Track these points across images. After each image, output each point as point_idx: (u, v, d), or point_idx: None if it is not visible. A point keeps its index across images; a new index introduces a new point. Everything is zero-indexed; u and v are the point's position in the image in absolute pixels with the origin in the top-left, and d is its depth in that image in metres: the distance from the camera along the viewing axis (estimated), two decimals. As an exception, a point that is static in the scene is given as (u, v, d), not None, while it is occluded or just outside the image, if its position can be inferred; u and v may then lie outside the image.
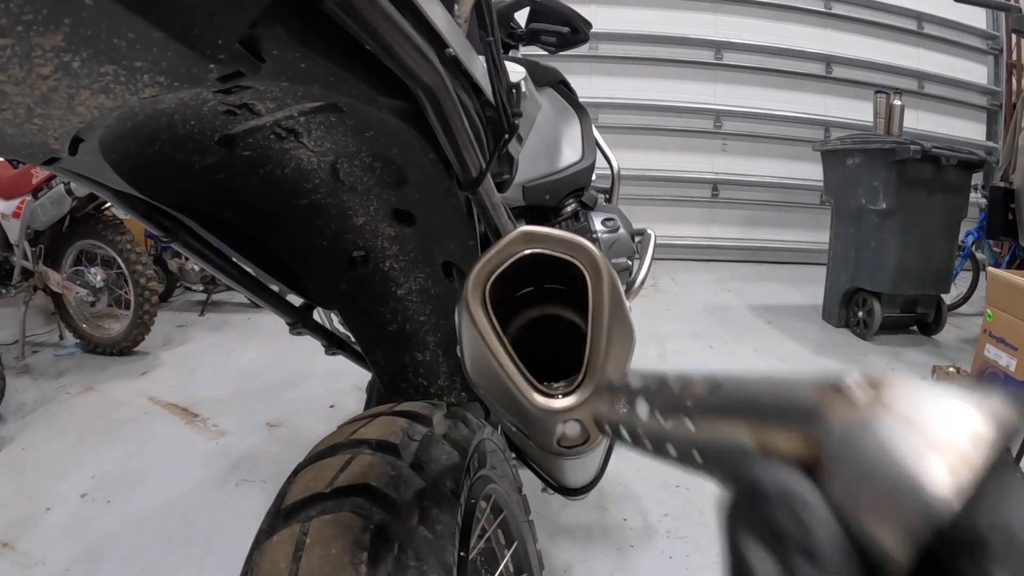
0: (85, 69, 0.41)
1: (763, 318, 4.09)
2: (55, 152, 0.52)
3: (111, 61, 0.40)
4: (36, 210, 2.93)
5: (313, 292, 0.97)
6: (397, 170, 0.72)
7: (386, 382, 1.05)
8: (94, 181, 0.63)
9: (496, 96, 0.65)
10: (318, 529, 0.52)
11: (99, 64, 0.41)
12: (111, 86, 0.43)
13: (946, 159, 3.38)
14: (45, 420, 2.51)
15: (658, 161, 5.80)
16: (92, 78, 0.42)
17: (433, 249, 0.86)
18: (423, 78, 0.50)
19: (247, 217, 0.80)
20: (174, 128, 0.59)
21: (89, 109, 0.46)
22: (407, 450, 0.63)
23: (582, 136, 1.75)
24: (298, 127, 0.66)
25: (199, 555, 1.73)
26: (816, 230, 5.67)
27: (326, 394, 2.77)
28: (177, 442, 2.37)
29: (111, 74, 0.42)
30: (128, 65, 0.41)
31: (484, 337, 0.50)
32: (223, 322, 3.82)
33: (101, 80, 0.42)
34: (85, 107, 0.45)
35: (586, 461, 0.88)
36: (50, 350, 3.31)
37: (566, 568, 1.72)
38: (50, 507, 1.94)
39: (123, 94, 0.44)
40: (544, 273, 0.55)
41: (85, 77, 0.42)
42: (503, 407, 0.52)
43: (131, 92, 0.44)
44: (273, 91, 0.54)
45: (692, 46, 5.73)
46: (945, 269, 3.65)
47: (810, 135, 5.66)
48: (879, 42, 5.96)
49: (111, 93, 0.44)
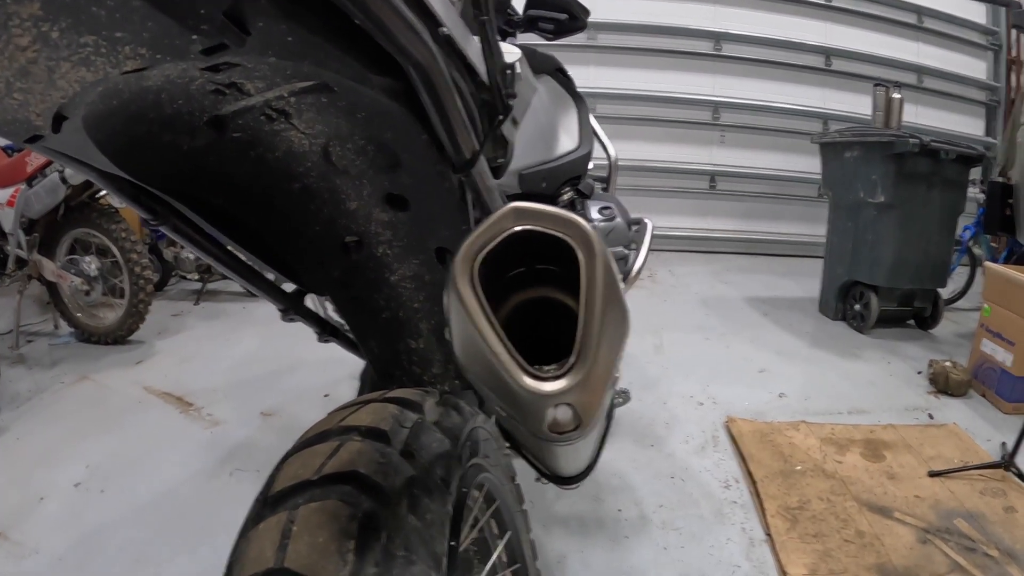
0: (64, 40, 0.40)
1: (759, 310, 4.09)
2: (37, 129, 0.50)
3: (91, 31, 0.39)
4: (30, 198, 2.91)
5: (305, 278, 0.95)
6: (390, 153, 0.71)
7: (379, 370, 1.04)
8: (80, 161, 0.62)
9: (490, 76, 0.64)
10: (305, 517, 0.51)
11: (78, 34, 0.39)
12: (92, 58, 0.42)
13: (945, 153, 3.36)
14: (39, 409, 2.50)
15: (656, 152, 5.77)
16: (72, 49, 0.41)
17: (427, 235, 0.85)
18: (415, 55, 0.48)
19: (238, 201, 0.79)
20: (161, 107, 0.58)
21: (70, 83, 0.44)
22: (397, 437, 0.61)
23: (579, 124, 1.74)
24: (289, 108, 0.65)
25: (192, 545, 1.72)
26: (813, 223, 5.65)
27: (321, 383, 2.76)
28: (171, 431, 2.36)
29: (91, 45, 0.41)
30: (108, 35, 0.40)
31: (472, 316, 0.48)
32: (218, 311, 3.81)
33: (81, 52, 0.41)
34: (66, 81, 0.44)
35: (579, 447, 0.87)
36: (45, 339, 3.30)
37: (560, 559, 1.72)
38: (44, 497, 1.93)
39: (104, 67, 0.43)
40: (536, 253, 0.53)
41: (65, 48, 0.41)
42: (492, 390, 0.50)
43: (112, 65, 0.43)
44: (262, 69, 0.53)
45: (691, 37, 5.70)
46: (942, 263, 3.64)
47: (808, 128, 5.62)
48: (879, 35, 5.92)
49: (92, 66, 0.43)
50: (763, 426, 2.42)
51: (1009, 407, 2.62)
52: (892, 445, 2.29)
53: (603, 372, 0.48)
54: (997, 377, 2.70)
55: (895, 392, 2.83)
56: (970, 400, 2.76)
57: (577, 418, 0.49)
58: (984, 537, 1.77)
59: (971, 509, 1.90)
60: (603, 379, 0.49)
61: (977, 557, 1.70)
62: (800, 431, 2.37)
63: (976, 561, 1.68)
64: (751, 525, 1.86)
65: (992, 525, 1.82)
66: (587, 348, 0.48)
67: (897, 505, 1.92)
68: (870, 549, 1.72)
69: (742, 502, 1.97)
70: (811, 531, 1.80)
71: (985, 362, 2.79)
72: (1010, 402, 2.62)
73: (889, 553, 1.70)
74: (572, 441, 0.51)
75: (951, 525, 1.82)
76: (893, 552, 1.71)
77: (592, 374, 0.48)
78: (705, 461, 2.21)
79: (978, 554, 1.71)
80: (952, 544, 1.74)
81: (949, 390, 2.78)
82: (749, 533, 1.83)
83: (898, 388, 2.88)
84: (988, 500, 1.94)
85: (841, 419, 2.53)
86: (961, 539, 1.77)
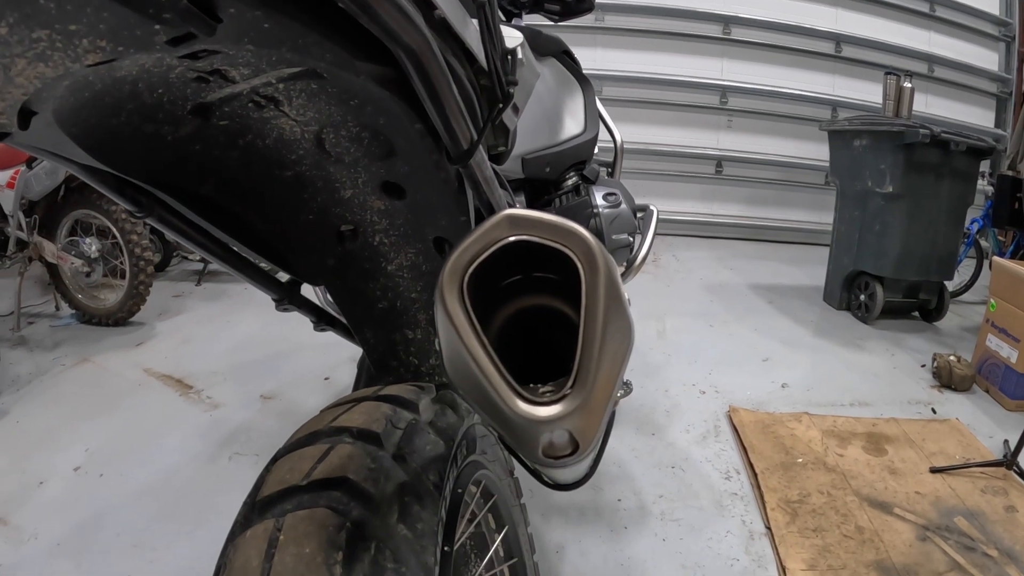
0: (15, 36, 0.37)
1: (763, 298, 4.06)
2: (2, 127, 0.48)
3: (41, 25, 0.37)
4: (30, 180, 2.88)
5: (299, 268, 0.93)
6: (385, 141, 0.68)
7: (376, 360, 1.02)
8: (57, 155, 0.59)
9: (490, 62, 0.60)
10: (292, 526, 0.49)
11: (29, 29, 0.37)
12: (48, 53, 0.39)
13: (955, 145, 3.30)
14: (40, 392, 2.49)
15: (662, 136, 5.72)
16: (25, 45, 0.38)
17: (424, 224, 0.82)
18: (405, 40, 0.45)
19: (227, 191, 0.76)
20: (139, 97, 0.55)
21: (29, 80, 0.42)
22: (390, 440, 0.59)
23: (585, 108, 1.70)
24: (278, 95, 0.62)
25: (190, 530, 1.72)
26: (820, 211, 5.61)
27: (321, 366, 2.74)
28: (171, 414, 2.35)
29: (45, 40, 0.38)
30: (62, 29, 0.37)
31: (460, 334, 0.45)
32: (220, 292, 3.79)
33: (35, 47, 0.39)
34: (24, 77, 0.41)
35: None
36: (46, 321, 3.29)
37: (558, 548, 1.71)
38: (43, 481, 1.93)
39: (63, 61, 0.40)
40: (533, 259, 0.49)
41: (16, 44, 0.38)
42: (483, 410, 0.46)
43: (72, 59, 0.40)
44: (245, 56, 0.50)
45: (700, 20, 5.61)
46: (949, 256, 3.60)
47: (817, 114, 5.55)
48: (890, 23, 5.83)
49: (49, 61, 0.40)
50: (765, 416, 2.40)
51: (1012, 404, 2.60)
52: (894, 439, 2.27)
53: (603, 395, 0.45)
54: (1001, 373, 2.67)
55: (898, 385, 2.81)
56: (973, 395, 2.73)
57: (574, 442, 0.45)
58: (984, 536, 1.75)
59: (972, 507, 1.88)
60: (603, 402, 0.45)
61: (976, 556, 1.68)
62: (802, 423, 2.36)
63: (975, 561, 1.66)
64: (751, 518, 1.85)
65: (992, 524, 1.81)
66: (586, 370, 0.44)
67: (898, 501, 1.91)
68: (869, 545, 1.71)
69: (742, 494, 1.96)
70: (811, 525, 1.79)
71: (990, 358, 2.76)
72: (1014, 399, 2.60)
73: (888, 550, 1.69)
74: (568, 466, 0.47)
75: (951, 523, 1.81)
76: (892, 549, 1.70)
77: (591, 397, 0.44)
78: (706, 451, 2.20)
79: (977, 553, 1.69)
80: (952, 542, 1.73)
81: (953, 385, 2.75)
82: (749, 526, 1.81)
83: (901, 381, 2.86)
84: (989, 499, 1.92)
85: (843, 411, 2.51)
86: (961, 538, 1.75)
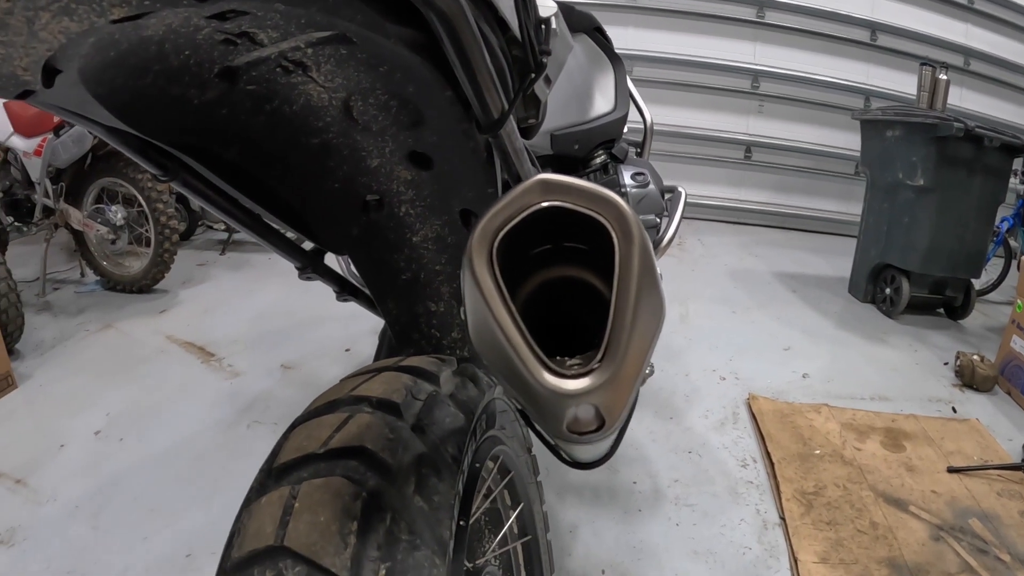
0: None
1: (788, 286, 4.00)
2: (27, 84, 0.47)
3: None
4: (57, 148, 2.91)
5: (323, 237, 0.92)
6: (414, 109, 0.67)
7: (397, 332, 1.01)
8: (81, 115, 0.58)
9: (523, 31, 0.58)
10: (308, 493, 0.49)
11: None
12: (72, 6, 0.38)
13: (988, 140, 3.21)
14: (63, 357, 2.54)
15: (692, 118, 5.62)
16: None
17: (451, 195, 0.81)
18: (438, 3, 0.44)
19: (252, 156, 0.75)
20: (166, 58, 0.54)
21: (53, 34, 0.41)
22: (409, 410, 0.59)
23: (615, 86, 1.67)
24: (306, 60, 0.61)
25: (207, 496, 1.74)
26: (848, 201, 5.50)
27: (343, 337, 2.76)
28: (192, 381, 2.38)
29: None
30: None
31: (488, 302, 0.43)
32: (243, 262, 3.82)
33: (60, 0, 0.38)
34: (48, 32, 0.41)
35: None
36: (71, 287, 3.34)
37: (572, 528, 1.71)
38: (64, 444, 1.97)
39: (88, 15, 0.39)
40: (564, 229, 0.48)
41: None
42: (508, 382, 0.44)
43: (97, 13, 0.39)
44: (274, 18, 0.49)
45: (734, 2, 5.48)
46: (978, 253, 3.50)
47: (850, 103, 5.42)
48: (927, 13, 5.65)
49: (74, 15, 0.39)
50: (784, 406, 2.37)
51: (1035, 407, 2.54)
52: (913, 436, 2.23)
53: (633, 370, 0.43)
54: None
55: (919, 381, 2.76)
56: (995, 396, 2.68)
57: (600, 418, 0.44)
58: (997, 540, 1.73)
59: (987, 510, 1.85)
60: (632, 377, 0.43)
61: (988, 560, 1.66)
62: (821, 414, 2.33)
63: (987, 564, 1.64)
64: (766, 507, 1.84)
65: (1006, 528, 1.78)
66: (616, 343, 0.42)
67: (913, 498, 1.88)
68: (883, 542, 1.69)
69: (758, 482, 1.95)
70: (825, 518, 1.77)
71: (1013, 359, 2.70)
72: (1035, 403, 2.54)
73: (901, 547, 1.67)
74: (592, 442, 0.46)
75: (965, 524, 1.78)
76: (905, 547, 1.68)
77: (621, 372, 0.42)
78: (724, 438, 2.18)
79: (990, 557, 1.67)
80: (965, 544, 1.70)
81: (974, 384, 2.70)
82: (763, 515, 1.80)
83: (923, 377, 2.81)
84: (1005, 502, 1.89)
85: (863, 405, 2.48)
86: (974, 539, 1.72)
